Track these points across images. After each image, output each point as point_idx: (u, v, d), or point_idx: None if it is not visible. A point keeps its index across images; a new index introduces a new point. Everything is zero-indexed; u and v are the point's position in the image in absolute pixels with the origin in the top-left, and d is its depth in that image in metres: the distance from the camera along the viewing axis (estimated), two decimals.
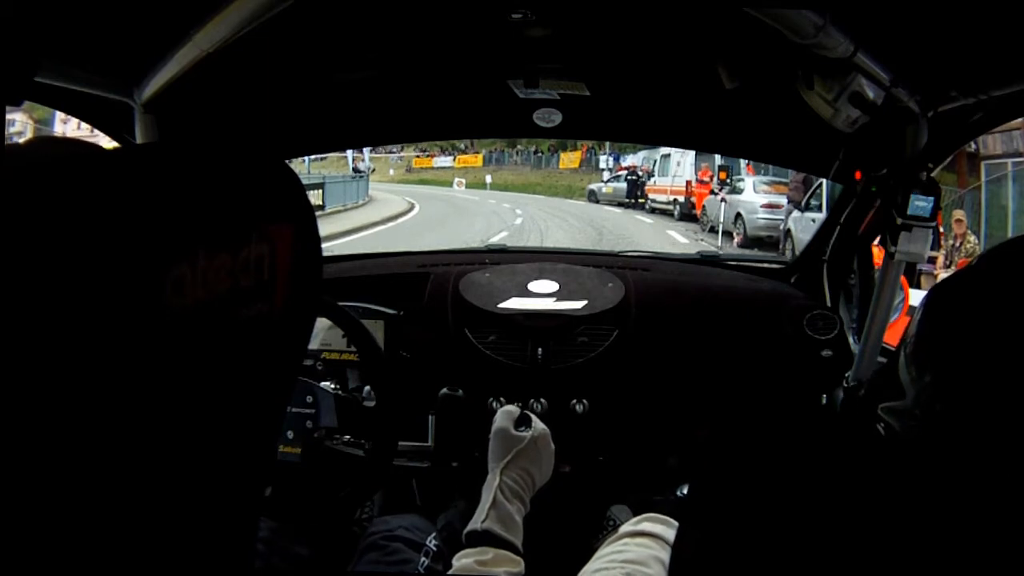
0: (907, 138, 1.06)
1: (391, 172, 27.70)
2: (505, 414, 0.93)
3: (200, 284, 0.27)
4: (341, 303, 1.08)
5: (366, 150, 19.61)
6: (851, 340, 1.42)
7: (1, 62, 0.52)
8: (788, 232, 8.85)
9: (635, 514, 1.37)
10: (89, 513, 0.26)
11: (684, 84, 1.21)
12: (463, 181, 21.58)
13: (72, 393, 0.24)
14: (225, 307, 0.28)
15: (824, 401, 1.44)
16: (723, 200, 10.38)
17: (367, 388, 1.27)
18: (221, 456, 0.31)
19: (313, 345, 1.32)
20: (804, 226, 8.00)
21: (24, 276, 0.23)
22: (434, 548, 1.03)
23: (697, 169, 12.63)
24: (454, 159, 27.43)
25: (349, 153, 19.98)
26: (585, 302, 1.41)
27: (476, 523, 0.80)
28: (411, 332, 1.38)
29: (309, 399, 1.03)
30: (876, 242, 1.25)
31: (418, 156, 28.44)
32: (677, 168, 13.21)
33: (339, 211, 14.11)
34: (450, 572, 0.76)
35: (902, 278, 1.29)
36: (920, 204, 1.05)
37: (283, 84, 1.13)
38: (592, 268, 1.52)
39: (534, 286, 1.46)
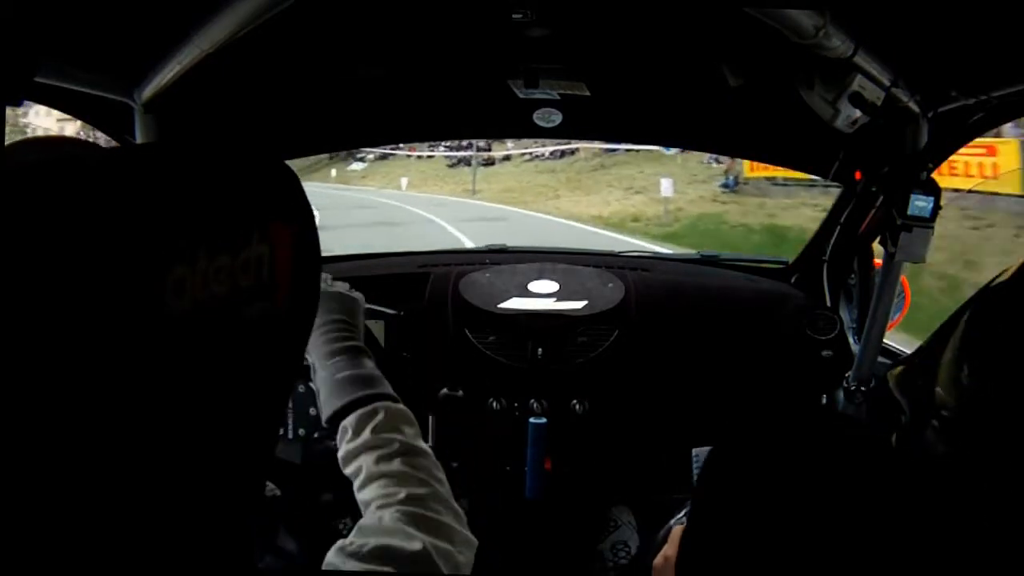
0: (907, 138, 1.06)
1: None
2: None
3: (200, 285, 0.27)
4: None
5: None
6: (851, 340, 1.42)
7: (1, 62, 0.52)
8: None
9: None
10: (89, 514, 0.26)
11: (684, 84, 1.21)
12: (405, 180, 9.92)
13: (73, 396, 0.24)
14: (224, 308, 0.28)
15: (824, 401, 1.44)
16: None
17: None
18: (221, 456, 0.31)
19: None
20: None
21: (23, 279, 0.23)
22: None
23: None
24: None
25: None
26: (585, 302, 1.41)
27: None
28: (411, 332, 1.38)
29: (301, 388, 1.04)
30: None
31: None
32: None
33: None
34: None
35: (902, 278, 1.29)
36: (920, 204, 1.05)
37: (283, 84, 1.13)
38: (592, 268, 1.52)
39: (534, 286, 1.46)
